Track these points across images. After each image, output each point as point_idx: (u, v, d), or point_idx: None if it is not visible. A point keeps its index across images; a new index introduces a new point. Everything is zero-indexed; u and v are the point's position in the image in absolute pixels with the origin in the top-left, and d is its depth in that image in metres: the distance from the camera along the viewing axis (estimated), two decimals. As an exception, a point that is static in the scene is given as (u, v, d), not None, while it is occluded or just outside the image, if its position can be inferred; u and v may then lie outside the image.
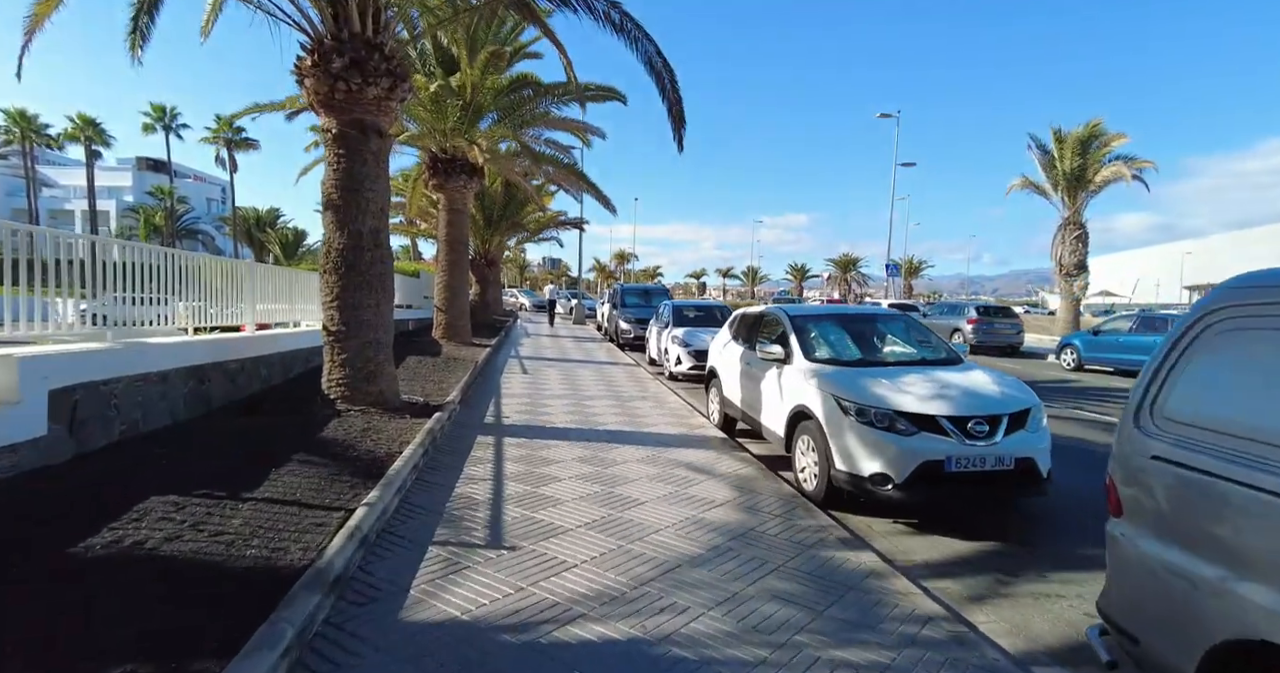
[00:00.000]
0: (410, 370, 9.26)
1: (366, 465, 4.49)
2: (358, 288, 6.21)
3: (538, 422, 6.98)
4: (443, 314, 13.03)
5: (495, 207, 19.48)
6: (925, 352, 5.67)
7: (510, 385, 9.44)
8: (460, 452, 5.54)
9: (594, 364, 12.61)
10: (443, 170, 12.44)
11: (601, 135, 13.89)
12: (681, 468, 5.32)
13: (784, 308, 6.28)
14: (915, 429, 4.33)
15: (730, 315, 13.28)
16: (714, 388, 7.51)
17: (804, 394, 5.06)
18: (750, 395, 6.24)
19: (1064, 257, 19.86)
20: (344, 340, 6.18)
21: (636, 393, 9.31)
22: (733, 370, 6.80)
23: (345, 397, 6.18)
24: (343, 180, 6.14)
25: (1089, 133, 18.86)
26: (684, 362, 11.24)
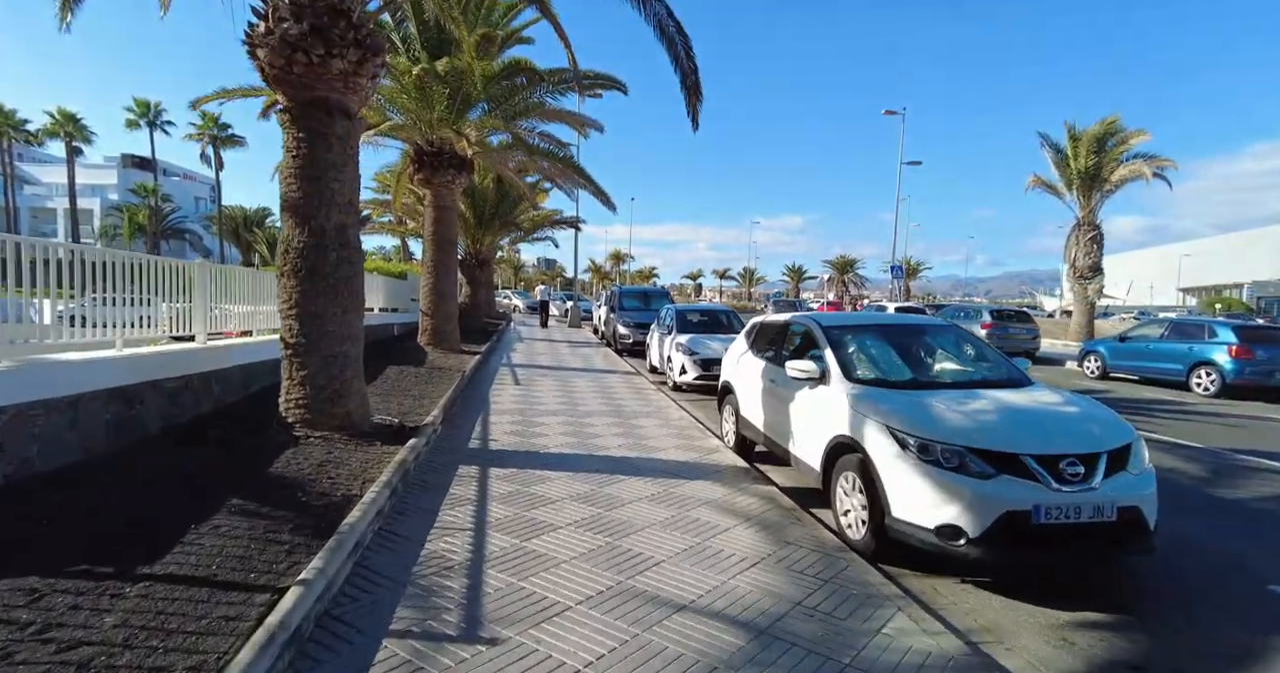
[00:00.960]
0: (389, 383, 8.39)
1: (317, 515, 3.63)
2: (321, 293, 5.35)
3: (530, 446, 6.13)
4: (429, 319, 12.16)
5: (487, 204, 18.61)
6: (984, 370, 4.86)
7: (501, 399, 8.58)
8: (437, 489, 4.68)
9: (591, 373, 11.77)
10: (429, 164, 11.57)
11: (599, 129, 13.06)
12: (699, 508, 4.48)
13: (814, 316, 5.45)
14: (994, 471, 3.51)
15: (745, 323, 12.47)
16: (728, 406, 6.68)
17: (847, 422, 4.24)
18: (775, 418, 5.42)
19: (1078, 258, 19.15)
20: (304, 354, 5.32)
21: (639, 407, 8.47)
22: (752, 388, 5.97)
23: (305, 420, 5.32)
24: (303, 168, 5.28)
25: (1105, 130, 18.16)
26: (689, 371, 10.43)
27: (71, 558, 2.80)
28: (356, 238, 5.66)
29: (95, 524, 3.24)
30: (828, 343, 4.92)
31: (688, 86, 5.64)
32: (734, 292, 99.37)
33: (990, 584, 3.67)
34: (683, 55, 5.48)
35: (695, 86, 5.64)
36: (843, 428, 4.28)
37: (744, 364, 6.32)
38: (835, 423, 4.38)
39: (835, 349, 4.84)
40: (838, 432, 4.32)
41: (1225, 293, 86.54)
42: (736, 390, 6.41)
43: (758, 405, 5.81)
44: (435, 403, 7.27)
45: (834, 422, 4.40)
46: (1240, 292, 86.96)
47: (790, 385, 5.09)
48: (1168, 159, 17.60)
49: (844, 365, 4.66)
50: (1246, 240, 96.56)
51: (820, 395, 4.67)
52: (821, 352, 4.91)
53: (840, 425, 4.32)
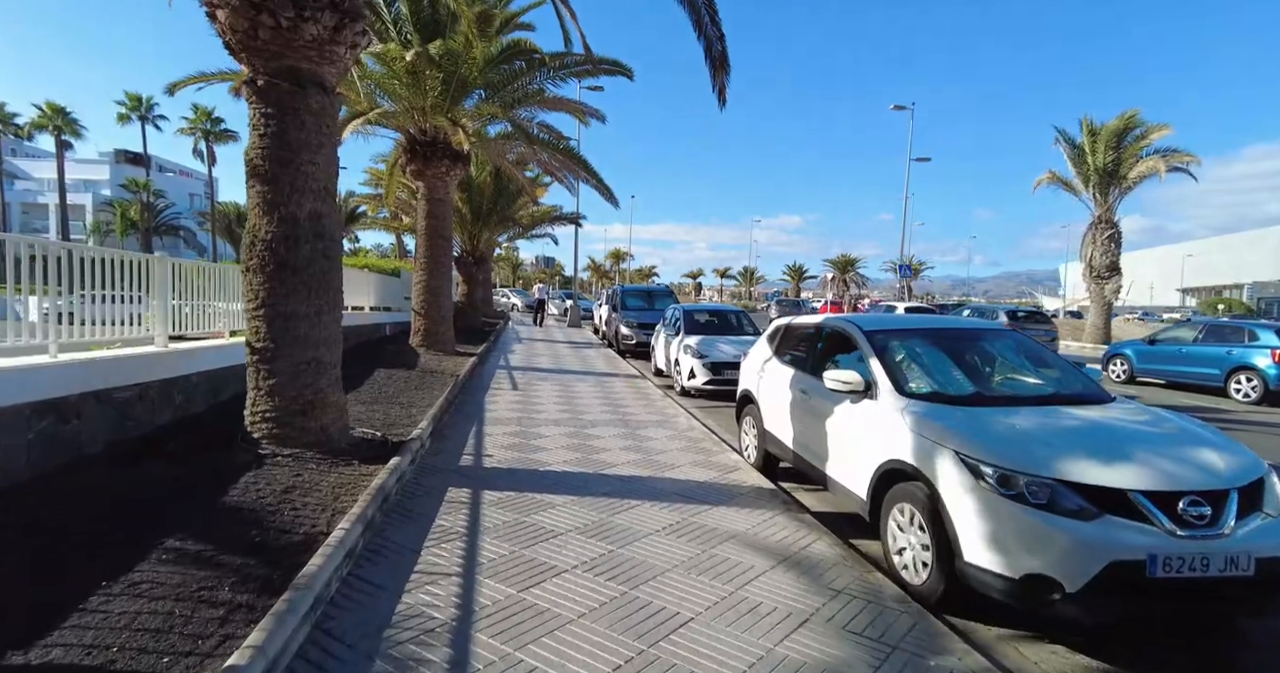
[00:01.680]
0: (375, 389, 7.73)
1: (270, 561, 2.99)
2: (292, 291, 4.70)
3: (529, 462, 5.48)
4: (421, 319, 11.49)
5: (484, 199, 17.92)
6: (1054, 382, 4.21)
7: (497, 406, 7.93)
8: (422, 518, 4.04)
9: (594, 376, 11.12)
10: (422, 154, 10.90)
11: (601, 118, 12.41)
12: (726, 544, 3.84)
13: (853, 318, 4.81)
14: (1096, 510, 2.88)
15: (754, 323, 11.95)
16: (749, 417, 6.03)
17: (901, 445, 3.61)
18: (808, 435, 4.78)
19: (1094, 258, 18.53)
20: (272, 361, 4.67)
21: (647, 415, 7.82)
22: (779, 399, 5.33)
23: (273, 436, 4.66)
24: (272, 149, 4.62)
25: (1125, 124, 17.52)
26: (699, 375, 9.79)
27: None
28: (334, 229, 5.01)
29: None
30: (872, 350, 4.27)
31: (713, 58, 4.96)
32: (734, 291, 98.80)
33: (1083, 646, 3.04)
34: (707, 20, 4.80)
35: (721, 58, 4.95)
36: (897, 451, 3.65)
37: (768, 372, 5.68)
38: (886, 445, 3.75)
39: (881, 358, 4.20)
40: (890, 456, 3.69)
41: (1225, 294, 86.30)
42: (759, 401, 5.77)
43: (785, 419, 5.17)
44: (425, 412, 6.62)
45: (885, 444, 3.77)
46: (1240, 292, 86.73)
47: (827, 398, 4.45)
48: (1190, 154, 16.97)
49: (894, 377, 4.02)
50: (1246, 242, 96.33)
51: (866, 412, 4.03)
52: (865, 361, 4.27)
53: (893, 448, 3.68)
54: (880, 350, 4.28)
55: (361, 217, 27.16)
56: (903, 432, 3.64)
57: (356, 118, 9.06)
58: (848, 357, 4.68)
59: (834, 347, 4.91)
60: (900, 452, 3.62)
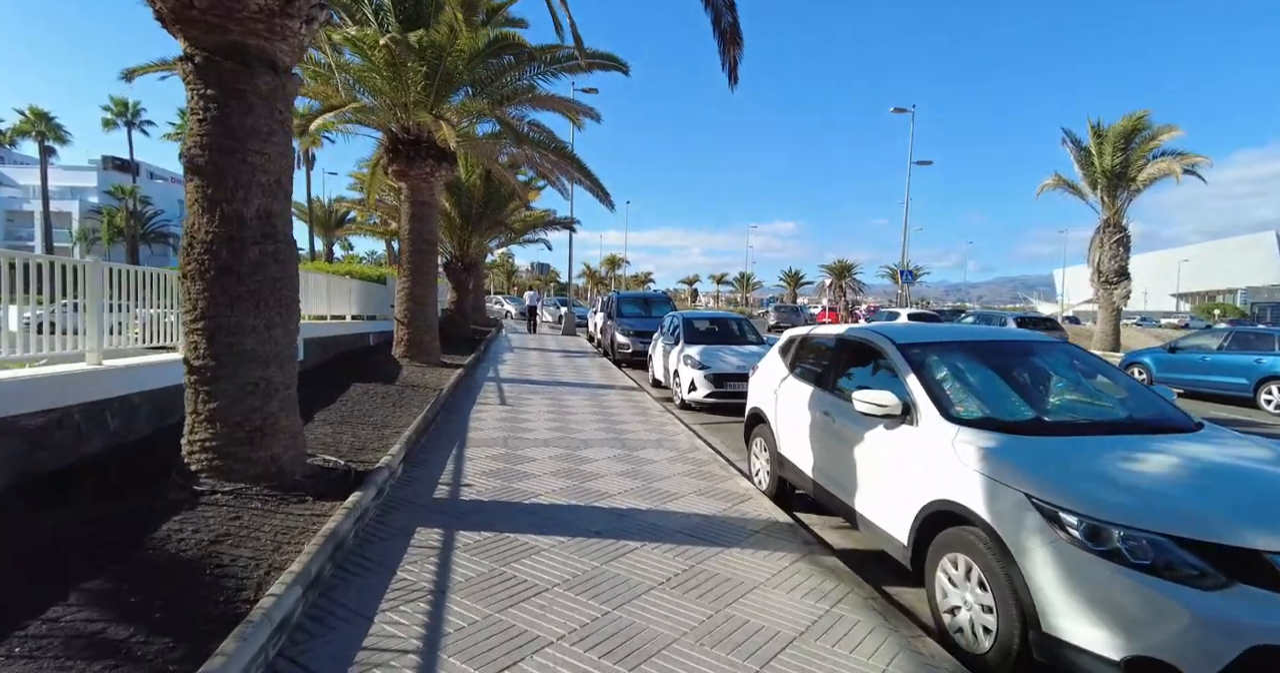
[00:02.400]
0: (348, 407, 7.08)
1: (171, 647, 2.34)
2: (237, 301, 4.06)
3: (513, 492, 4.84)
4: (404, 328, 10.84)
5: (474, 203, 17.30)
6: (1123, 405, 3.60)
7: (482, 424, 7.28)
8: (382, 569, 3.39)
9: (588, 388, 10.49)
10: (404, 154, 10.29)
11: (595, 117, 11.84)
12: (746, 600, 3.21)
13: (882, 329, 4.20)
14: (1223, 576, 2.27)
15: (758, 331, 11.34)
16: (760, 439, 5.42)
17: (952, 481, 3.00)
18: (832, 464, 4.16)
19: (1103, 262, 18.06)
20: (213, 381, 4.03)
21: (644, 433, 7.19)
22: (795, 420, 4.72)
23: (214, 468, 4.01)
24: (213, 137, 4.00)
25: (1132, 125, 17.10)
26: (700, 388, 9.18)
27: None
28: (287, 229, 4.38)
29: None
30: (909, 367, 3.67)
31: (721, 31, 4.38)
32: (729, 297, 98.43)
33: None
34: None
35: (733, 31, 4.38)
36: (946, 489, 3.04)
37: (782, 389, 5.07)
38: (932, 481, 3.14)
39: (921, 376, 3.59)
40: (938, 494, 3.08)
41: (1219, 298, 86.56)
42: (772, 421, 5.16)
43: (804, 444, 4.55)
44: (399, 434, 5.98)
45: (930, 479, 3.16)
46: (1234, 297, 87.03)
47: (855, 422, 3.84)
48: (1201, 156, 16.52)
49: (937, 399, 3.42)
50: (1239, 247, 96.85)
51: (904, 440, 3.42)
52: (901, 379, 3.66)
53: (941, 485, 3.08)
54: (918, 367, 3.68)
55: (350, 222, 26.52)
56: (953, 466, 3.04)
57: (330, 111, 8.47)
58: (877, 374, 4.08)
59: (860, 362, 4.31)
60: (950, 490, 3.02)
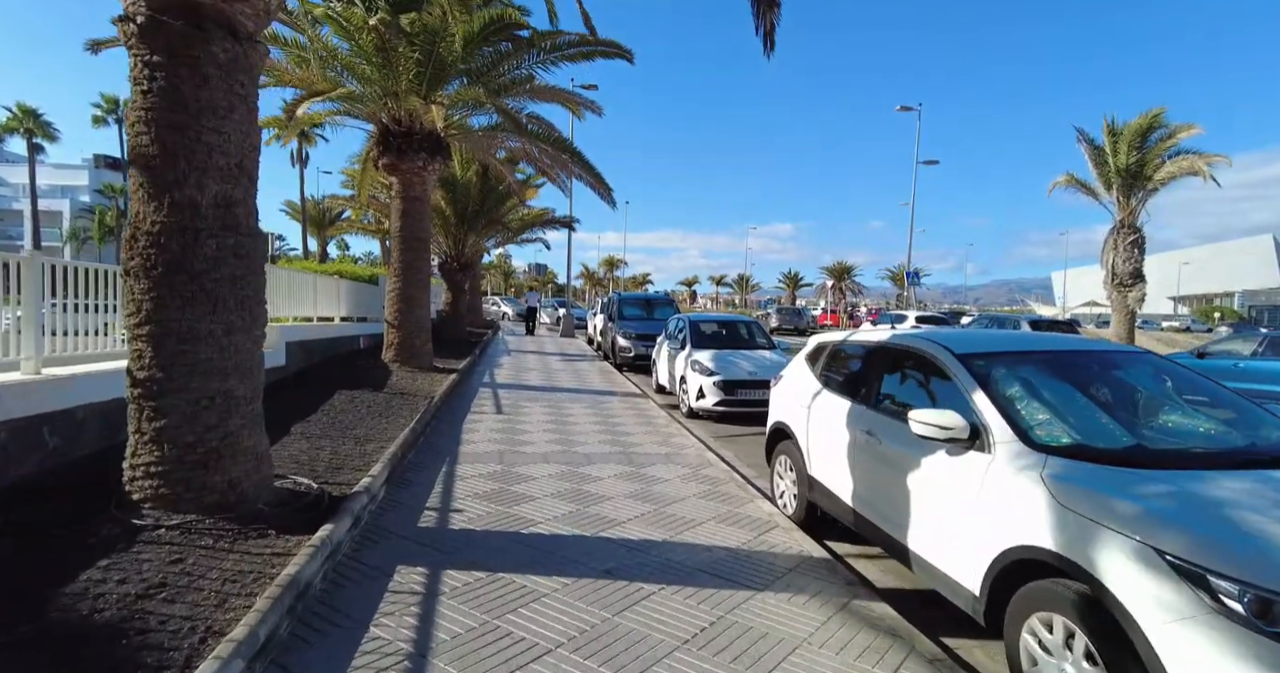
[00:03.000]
0: (330, 418, 6.51)
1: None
2: (189, 302, 3.51)
3: (508, 520, 4.28)
4: (395, 331, 10.27)
5: (470, 201, 16.71)
6: (1238, 428, 3.05)
7: (476, 437, 6.72)
8: (349, 625, 2.83)
9: (589, 395, 9.93)
10: (395, 147, 9.73)
11: (597, 111, 11.30)
12: (786, 668, 2.66)
13: (935, 336, 3.65)
14: None
15: (767, 334, 10.76)
16: (785, 457, 4.87)
17: (1041, 523, 2.47)
18: (878, 492, 3.61)
19: (1117, 264, 17.57)
20: (160, 395, 3.46)
21: (652, 446, 6.64)
22: (829, 438, 4.17)
23: (160, 497, 3.45)
24: (160, 110, 3.44)
25: (1149, 123, 16.63)
26: (709, 395, 8.63)
27: None
28: (251, 220, 3.82)
29: None
30: (975, 382, 3.12)
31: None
32: (727, 298, 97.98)
33: None
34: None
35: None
36: (1032, 533, 2.50)
37: (812, 403, 4.52)
38: (1013, 521, 2.60)
39: (989, 392, 3.04)
40: (1022, 539, 2.54)
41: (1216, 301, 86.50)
42: (800, 439, 4.61)
43: (840, 466, 4.00)
44: (384, 449, 5.41)
45: (1010, 518, 2.62)
46: (1232, 300, 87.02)
47: (908, 446, 3.30)
48: (1220, 155, 16.11)
49: (1014, 420, 2.87)
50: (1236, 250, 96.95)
51: (973, 469, 2.88)
52: (965, 395, 3.11)
53: (1026, 527, 2.53)
54: (984, 381, 3.13)
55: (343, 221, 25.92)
56: (1041, 504, 2.49)
57: (315, 97, 7.92)
58: (930, 388, 3.54)
59: (908, 374, 3.77)
60: (1039, 534, 2.47)
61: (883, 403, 3.77)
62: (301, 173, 37.57)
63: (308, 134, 35.94)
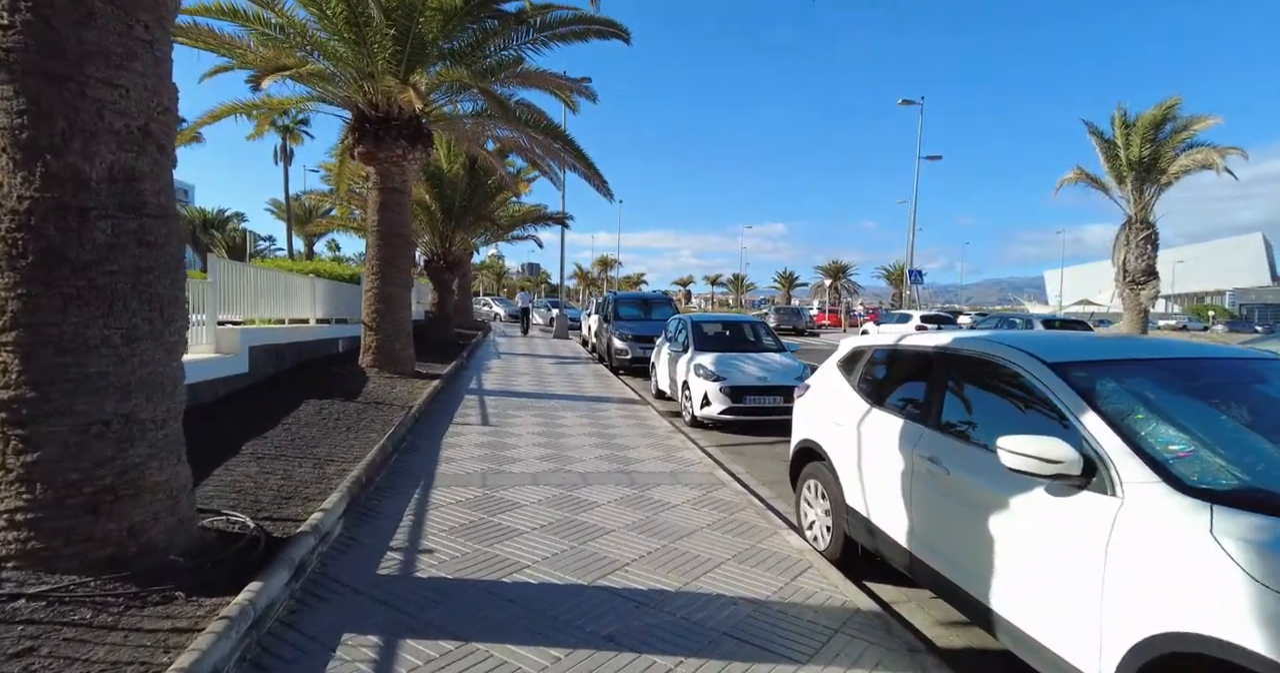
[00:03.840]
0: (290, 433, 5.73)
1: None
2: (73, 301, 2.74)
3: (489, 566, 3.53)
4: (372, 334, 9.49)
5: (457, 195, 15.88)
6: None
7: (457, 453, 5.96)
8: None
9: (584, 402, 9.19)
10: (372, 134, 8.95)
11: (592, 97, 10.57)
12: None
13: (1013, 340, 2.92)
14: None
15: (774, 335, 9.92)
16: (815, 481, 4.14)
17: (1213, 601, 1.76)
18: (948, 535, 2.89)
19: (1129, 261, 16.99)
20: (31, 422, 2.70)
21: (656, 462, 5.90)
22: (876, 463, 3.45)
23: (28, 554, 2.68)
24: (25, 52, 2.68)
25: (1162, 114, 16.05)
26: (714, 403, 7.92)
27: None
28: (164, 199, 3.06)
29: None
30: (1079, 398, 2.41)
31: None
32: (721, 298, 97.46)
33: None
34: None
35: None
36: (1205, 620, 1.78)
37: (851, 419, 3.79)
38: (1166, 598, 1.89)
39: (1104, 413, 2.33)
40: (1184, 625, 1.83)
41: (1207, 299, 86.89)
42: (835, 461, 3.88)
43: (890, 498, 3.28)
44: (347, 471, 4.66)
45: (1159, 594, 1.91)
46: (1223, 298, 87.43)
47: (990, 479, 2.58)
48: (1235, 148, 15.52)
49: (1148, 454, 2.16)
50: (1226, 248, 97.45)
51: (1091, 516, 2.16)
52: (1071, 418, 2.40)
53: (1192, 611, 1.82)
54: (1093, 399, 2.42)
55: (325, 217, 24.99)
56: (1217, 577, 1.78)
57: (279, 71, 7.15)
58: (1010, 405, 2.82)
59: (981, 387, 3.05)
60: (1213, 621, 1.76)
61: (949, 423, 3.05)
62: (286, 170, 36.61)
63: (292, 130, 35.03)
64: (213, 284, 7.19)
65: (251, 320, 9.16)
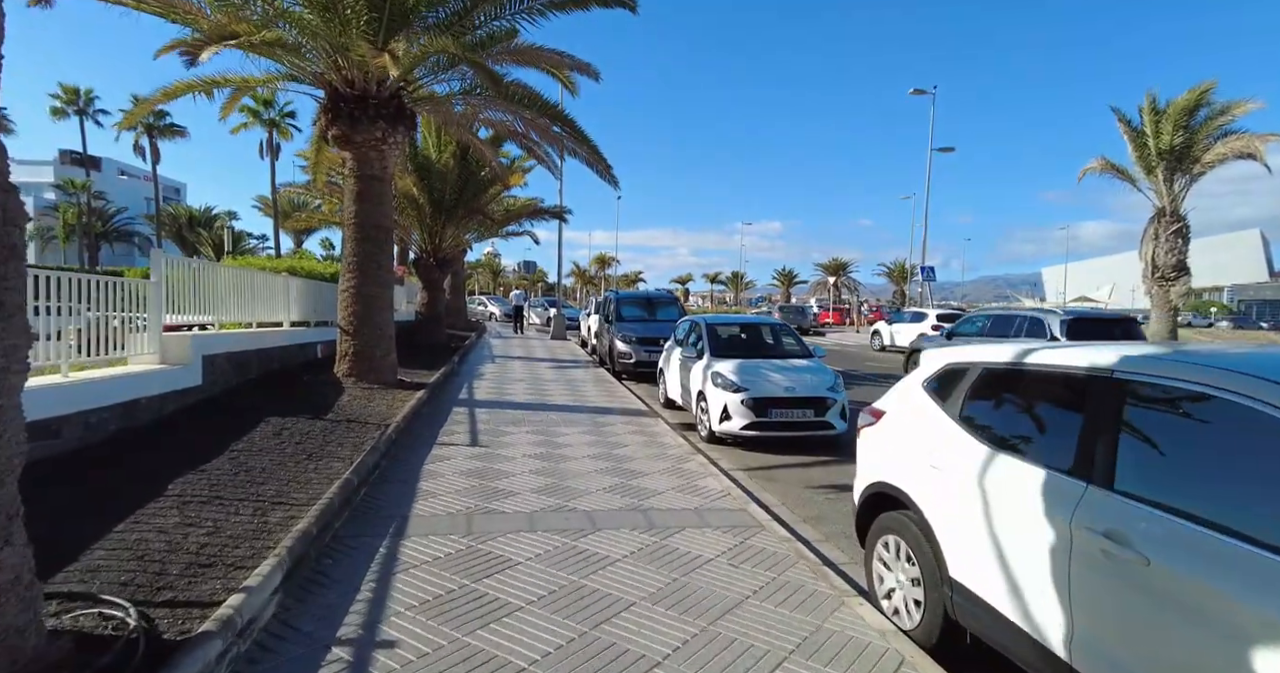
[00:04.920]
0: (236, 464, 4.75)
1: None
2: None
3: (472, 658, 2.56)
4: (349, 339, 8.50)
5: (448, 187, 14.83)
6: None
7: (437, 488, 4.99)
8: None
9: (586, 414, 8.22)
10: (347, 114, 7.97)
11: (594, 76, 9.58)
12: None
13: (1237, 364, 1.98)
14: None
15: (797, 337, 8.83)
16: (896, 539, 3.18)
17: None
18: (1147, 650, 1.93)
19: (1158, 256, 16.08)
20: None
21: (677, 497, 4.94)
22: (1005, 527, 2.50)
23: None
24: None
25: (1196, 100, 15.15)
26: (735, 417, 6.99)
27: None
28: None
29: None
30: None
31: None
32: (719, 296, 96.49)
33: None
34: None
35: None
36: None
37: (957, 462, 2.83)
38: None
39: None
40: None
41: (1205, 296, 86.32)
42: (929, 515, 2.92)
43: (1032, 582, 2.33)
44: (294, 521, 3.68)
45: None
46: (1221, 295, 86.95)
47: (1232, 580, 1.63)
48: (1272, 134, 14.63)
49: None
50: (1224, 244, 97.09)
51: None
52: None
53: None
54: None
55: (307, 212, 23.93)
56: None
57: (224, 41, 6.16)
58: (1250, 465, 1.88)
59: (1186, 432, 2.11)
60: None
61: (1133, 485, 2.10)
62: (273, 165, 35.40)
63: (279, 124, 33.87)
64: (157, 284, 6.20)
65: (231, 324, 8.20)
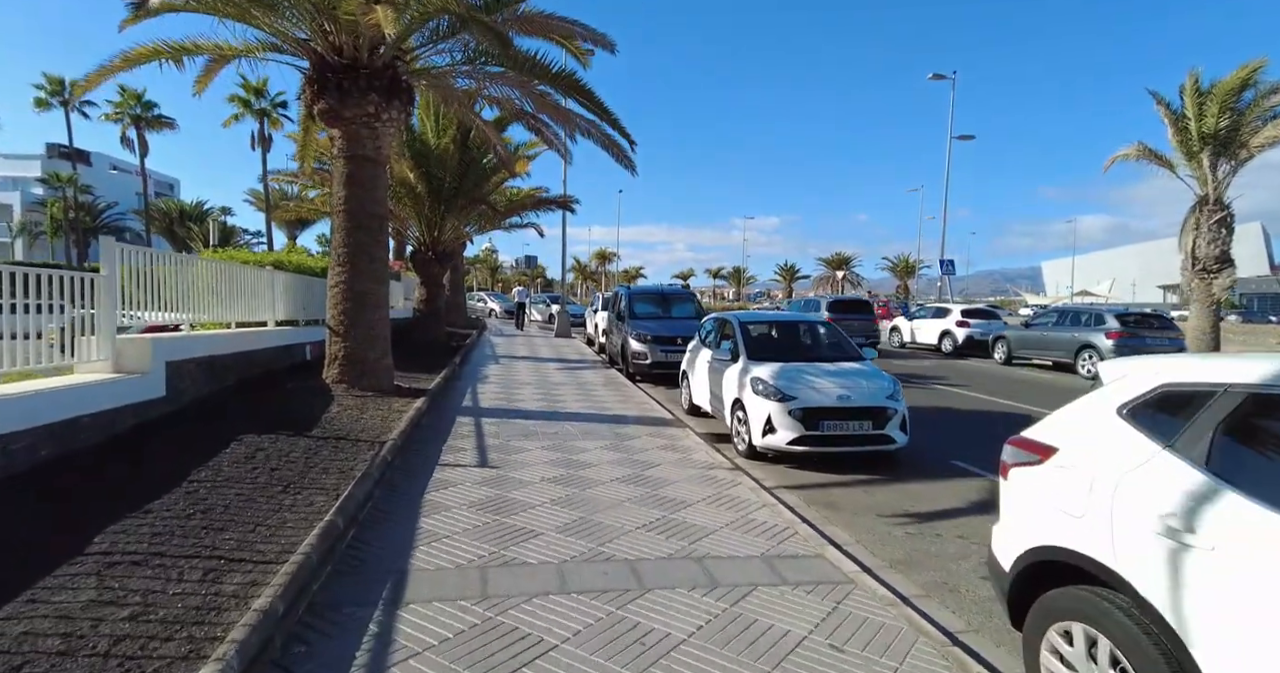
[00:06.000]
0: (192, 501, 3.82)
1: None
2: None
3: None
4: (339, 341, 7.58)
5: (447, 174, 13.80)
6: None
7: (440, 528, 4.08)
8: None
9: (605, 424, 7.32)
10: (335, 85, 7.02)
11: (609, 46, 8.62)
12: None
13: None
14: None
15: (839, 335, 7.34)
16: (1087, 631, 2.27)
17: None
18: None
19: (1199, 247, 15.18)
20: None
21: (735, 537, 4.05)
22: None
23: None
24: None
25: (1243, 80, 14.23)
26: (781, 429, 6.11)
27: None
28: None
29: None
30: None
31: None
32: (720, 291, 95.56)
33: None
34: None
35: None
36: None
37: (1217, 530, 1.93)
38: None
39: None
40: None
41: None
42: (1157, 603, 2.02)
43: None
44: (256, 589, 2.78)
45: None
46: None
47: None
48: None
49: None
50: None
51: None
52: None
53: None
54: None
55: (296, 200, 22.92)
56: None
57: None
58: None
59: None
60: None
61: None
62: (264, 157, 34.15)
63: (270, 114, 32.72)
64: (108, 277, 5.26)
65: (206, 325, 7.31)
